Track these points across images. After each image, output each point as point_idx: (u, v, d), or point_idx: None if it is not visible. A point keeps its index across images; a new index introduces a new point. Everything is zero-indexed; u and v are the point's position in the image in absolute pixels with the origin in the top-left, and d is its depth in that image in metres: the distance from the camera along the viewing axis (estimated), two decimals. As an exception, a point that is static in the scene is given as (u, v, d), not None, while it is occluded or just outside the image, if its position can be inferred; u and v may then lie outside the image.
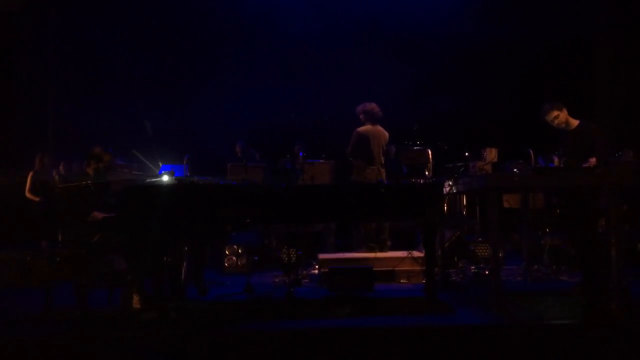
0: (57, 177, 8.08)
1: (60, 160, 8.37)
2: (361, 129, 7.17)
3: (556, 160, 5.72)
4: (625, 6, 9.16)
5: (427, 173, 6.75)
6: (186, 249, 5.83)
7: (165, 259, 5.40)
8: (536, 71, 9.63)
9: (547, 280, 6.37)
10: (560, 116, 5.59)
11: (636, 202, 7.17)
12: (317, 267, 6.81)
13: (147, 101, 9.04)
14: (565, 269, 6.74)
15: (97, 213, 5.33)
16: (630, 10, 9.10)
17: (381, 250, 7.06)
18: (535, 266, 6.59)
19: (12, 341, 4.25)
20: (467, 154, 6.65)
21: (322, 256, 6.87)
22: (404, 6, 9.69)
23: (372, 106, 7.20)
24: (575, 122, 5.67)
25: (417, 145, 6.89)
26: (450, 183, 6.05)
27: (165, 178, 5.51)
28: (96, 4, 9.73)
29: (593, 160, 5.31)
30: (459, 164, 6.61)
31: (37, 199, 7.80)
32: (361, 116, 7.24)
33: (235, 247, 7.51)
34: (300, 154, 6.73)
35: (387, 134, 7.29)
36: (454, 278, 6.47)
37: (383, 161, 7.25)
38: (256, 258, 7.60)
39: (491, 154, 6.53)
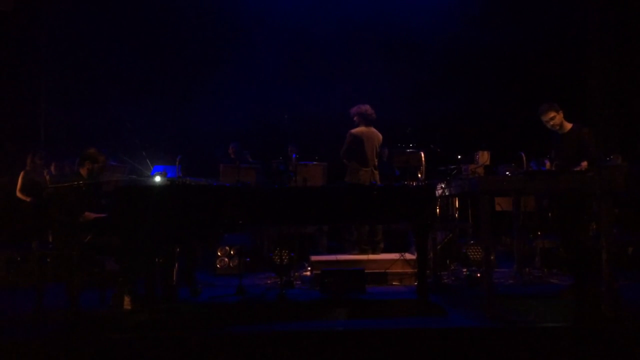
0: (48, 177, 8.02)
1: (51, 161, 8.32)
2: (355, 130, 7.18)
3: (548, 163, 5.74)
4: (618, 11, 9.21)
5: (419, 176, 6.76)
6: (178, 250, 5.81)
7: (157, 260, 5.37)
8: (529, 75, 9.67)
9: (539, 282, 6.40)
10: (556, 118, 5.64)
11: (627, 205, 7.22)
12: (309, 269, 6.80)
13: (140, 102, 9.01)
14: (556, 271, 6.77)
15: (88, 213, 5.31)
16: (623, 15, 9.16)
17: (374, 252, 7.07)
18: (527, 269, 6.61)
19: (2, 343, 4.22)
20: (459, 156, 6.68)
21: (314, 258, 6.86)
22: (398, 9, 9.71)
23: (366, 108, 7.21)
24: (568, 126, 5.71)
25: (410, 148, 6.90)
26: (443, 186, 6.06)
27: (158, 179, 5.50)
28: (88, 4, 9.69)
29: (585, 164, 5.34)
30: (452, 167, 6.63)
31: (28, 199, 7.75)
32: (355, 118, 7.25)
33: (227, 248, 7.50)
34: (294, 156, 6.72)
35: (380, 135, 7.30)
36: (446, 280, 6.49)
37: (377, 163, 7.26)
38: (248, 260, 7.58)
39: (483, 157, 6.57)
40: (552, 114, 5.63)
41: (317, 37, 9.68)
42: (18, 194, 7.82)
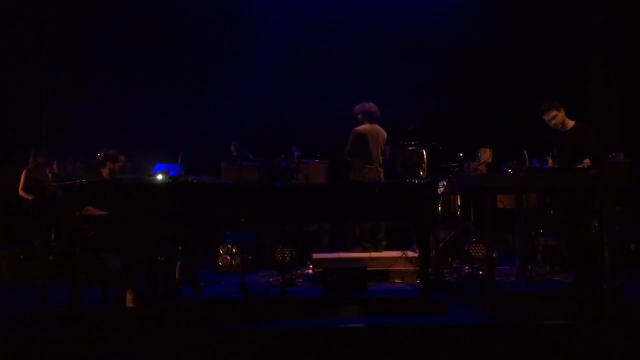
0: (50, 175, 8.05)
1: (54, 159, 8.34)
2: (360, 128, 7.17)
3: (550, 161, 5.73)
4: (620, 8, 9.19)
5: (421, 173, 6.75)
6: (180, 248, 5.82)
7: (159, 258, 5.39)
8: (531, 72, 9.65)
9: (541, 280, 6.39)
10: (558, 116, 5.62)
11: (629, 202, 7.21)
12: (311, 267, 6.80)
13: (142, 100, 9.02)
14: (559, 269, 6.76)
15: (92, 209, 5.31)
16: (625, 12, 9.13)
17: (376, 250, 7.07)
18: (530, 267, 6.60)
19: (5, 340, 4.23)
20: (461, 154, 6.67)
21: (316, 256, 6.86)
22: (400, 7, 9.69)
23: (371, 106, 7.21)
24: (571, 123, 5.70)
25: (412, 146, 6.90)
26: (445, 183, 6.06)
27: (160, 177, 5.51)
28: (91, 2, 9.69)
29: (587, 161, 5.33)
30: (454, 165, 6.62)
31: (30, 197, 7.77)
32: (359, 116, 7.24)
33: (229, 246, 7.50)
34: (295, 154, 6.72)
35: (385, 133, 7.29)
36: (448, 278, 6.48)
37: (382, 161, 7.25)
38: (251, 258, 7.59)
39: (486, 155, 6.56)
40: (554, 113, 5.62)
41: (319, 35, 9.67)
42: (21, 193, 7.85)
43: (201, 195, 5.21)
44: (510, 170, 5.37)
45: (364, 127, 7.18)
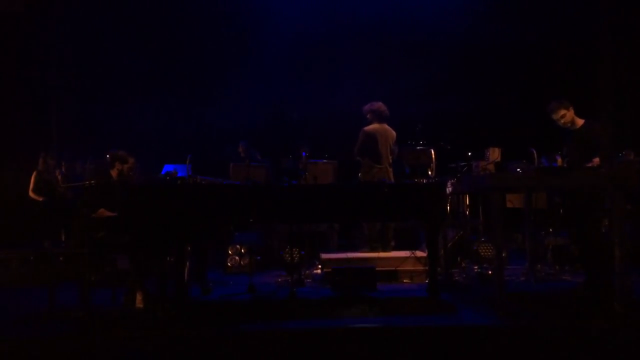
0: (60, 177, 8.10)
1: (63, 161, 8.38)
2: (368, 127, 7.17)
3: (559, 160, 5.70)
4: (629, 5, 9.13)
5: (430, 173, 6.74)
6: (189, 248, 5.84)
7: (168, 258, 5.40)
8: (539, 71, 9.61)
9: (551, 280, 6.36)
10: (567, 115, 5.59)
11: (639, 201, 7.16)
12: (320, 267, 6.80)
13: (150, 101, 9.05)
14: (568, 268, 6.73)
15: (103, 210, 5.34)
16: (634, 9, 9.07)
17: (385, 250, 7.06)
18: (539, 266, 6.57)
19: (15, 341, 4.26)
20: (470, 153, 6.65)
21: (324, 256, 6.86)
22: (408, 7, 9.68)
23: (379, 105, 7.20)
24: (580, 122, 5.67)
25: (420, 145, 6.88)
26: (453, 183, 6.04)
27: (169, 178, 5.54)
28: (98, 4, 9.74)
29: (597, 160, 5.30)
30: (462, 164, 6.60)
31: (40, 198, 7.82)
32: (368, 115, 7.23)
33: (238, 247, 7.52)
34: (303, 154, 6.73)
35: (394, 133, 7.28)
36: (457, 278, 6.47)
37: (391, 160, 7.24)
38: (259, 258, 7.60)
39: (494, 154, 6.53)
40: (563, 112, 5.59)
41: (326, 35, 9.66)
42: (30, 194, 7.90)
43: (209, 196, 5.22)
44: (519, 169, 5.35)
45: (373, 126, 7.17)
